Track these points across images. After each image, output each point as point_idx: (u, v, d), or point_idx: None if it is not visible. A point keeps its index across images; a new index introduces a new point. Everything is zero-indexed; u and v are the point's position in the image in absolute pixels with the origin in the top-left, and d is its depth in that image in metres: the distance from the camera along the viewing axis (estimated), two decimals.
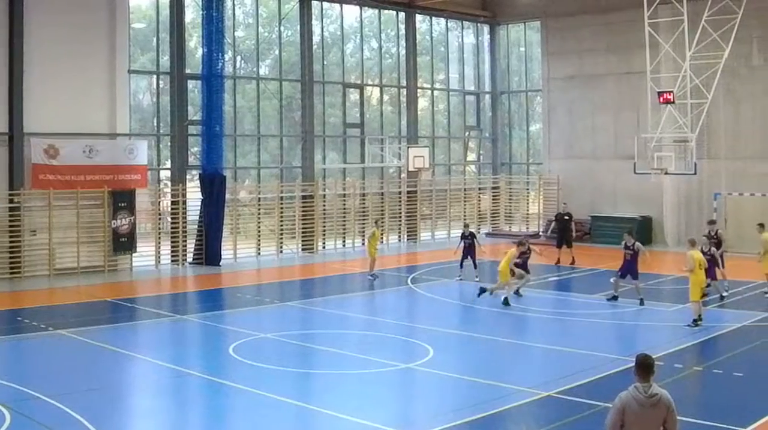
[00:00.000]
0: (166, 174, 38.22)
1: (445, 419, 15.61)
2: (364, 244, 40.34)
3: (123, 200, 34.49)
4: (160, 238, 36.69)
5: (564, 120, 46.84)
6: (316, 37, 42.63)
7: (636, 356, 10.12)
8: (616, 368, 18.85)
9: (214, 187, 36.59)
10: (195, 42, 38.83)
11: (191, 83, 37.70)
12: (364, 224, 43.24)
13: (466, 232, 32.97)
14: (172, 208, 37.24)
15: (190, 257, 37.06)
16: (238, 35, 40.86)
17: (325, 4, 43.20)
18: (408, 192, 45.51)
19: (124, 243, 34.69)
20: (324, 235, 41.99)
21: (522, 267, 28.41)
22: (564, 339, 22.80)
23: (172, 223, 37.28)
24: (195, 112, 37.57)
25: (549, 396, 17.07)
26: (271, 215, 40.57)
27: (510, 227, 49.84)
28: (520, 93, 50.96)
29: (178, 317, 26.42)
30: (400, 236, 45.61)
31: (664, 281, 31.16)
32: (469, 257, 32.56)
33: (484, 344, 22.65)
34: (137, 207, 35.09)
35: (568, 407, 16.34)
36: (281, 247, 40.22)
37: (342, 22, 44.03)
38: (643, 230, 42.34)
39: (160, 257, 36.46)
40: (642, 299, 26.87)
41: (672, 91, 35.20)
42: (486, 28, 50.95)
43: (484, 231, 47.70)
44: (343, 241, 43.00)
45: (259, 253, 39.72)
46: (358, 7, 44.36)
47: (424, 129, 47.98)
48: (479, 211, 49.23)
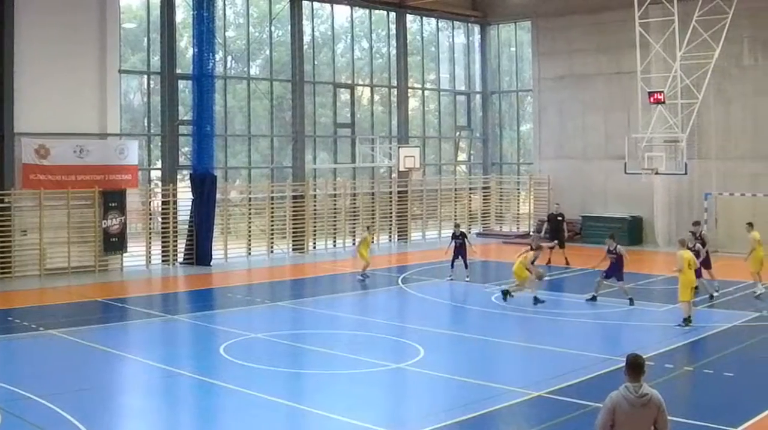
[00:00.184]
0: (156, 174, 38.22)
1: (436, 419, 15.63)
2: (354, 244, 40.43)
3: (114, 200, 34.46)
4: (150, 238, 36.65)
5: (554, 120, 46.88)
6: (307, 37, 42.62)
7: (626, 356, 10.16)
8: (607, 368, 18.89)
9: (204, 187, 36.56)
10: (186, 42, 38.80)
11: (182, 83, 37.66)
12: (355, 224, 43.28)
13: (457, 232, 32.98)
14: (163, 208, 37.20)
15: (180, 257, 37.03)
16: (229, 35, 40.82)
17: (316, 4, 43.18)
18: (399, 192, 45.52)
19: (114, 243, 34.67)
20: (315, 235, 41.98)
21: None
22: (555, 339, 22.81)
23: (162, 223, 37.25)
24: (186, 112, 37.55)
25: (540, 396, 17.10)
26: (261, 215, 40.56)
27: (501, 227, 49.86)
28: (511, 93, 50.98)
29: (169, 317, 26.40)
30: (390, 236, 45.60)
31: (655, 281, 31.21)
32: (459, 257, 32.57)
33: (475, 344, 22.68)
34: (128, 207, 35.05)
35: (559, 407, 16.37)
36: (272, 247, 40.21)
37: (333, 22, 44.00)
38: (634, 230, 42.51)
39: (150, 256, 36.41)
40: (631, 299, 26.88)
41: (663, 91, 35.25)
42: (477, 28, 50.98)
43: (474, 231, 47.72)
44: (334, 241, 42.97)
45: (249, 253, 39.70)
46: (348, 7, 44.35)
47: (415, 129, 47.99)
48: (470, 211, 49.23)
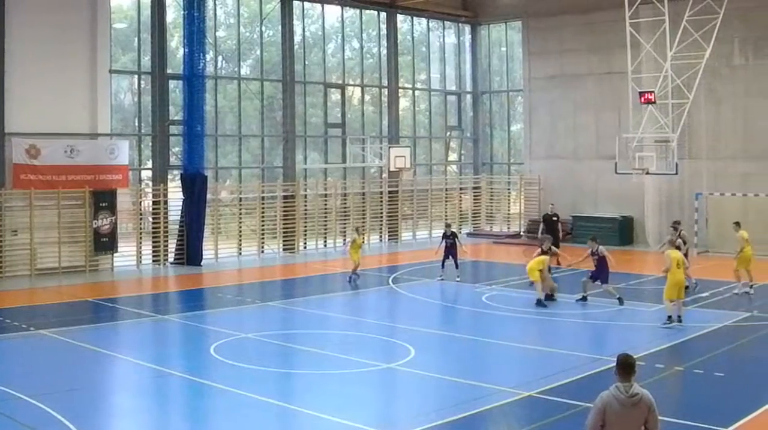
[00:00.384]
0: (147, 174, 38.17)
1: (427, 419, 15.63)
2: (344, 244, 40.45)
3: (104, 200, 34.43)
4: (141, 238, 36.63)
5: (545, 120, 46.91)
6: (298, 37, 42.60)
7: (617, 355, 10.15)
8: (597, 368, 18.91)
9: (195, 187, 36.53)
10: (176, 42, 38.74)
11: (172, 83, 37.62)
12: (345, 224, 43.27)
13: (447, 231, 32.98)
14: (154, 208, 37.15)
15: (171, 257, 36.99)
16: (220, 35, 40.77)
17: (307, 4, 43.17)
18: (389, 192, 45.52)
19: (105, 243, 34.64)
20: (305, 235, 41.97)
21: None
22: (545, 339, 22.86)
23: (153, 223, 37.19)
24: (176, 112, 37.52)
25: (530, 396, 17.11)
26: (252, 215, 40.54)
27: (491, 227, 49.90)
28: (502, 93, 50.99)
29: (159, 317, 26.37)
30: (381, 236, 45.60)
31: (645, 281, 31.25)
32: (450, 256, 32.58)
33: (466, 344, 22.69)
34: (118, 207, 34.99)
35: (549, 407, 16.37)
36: (262, 247, 40.19)
37: (323, 22, 43.98)
38: (625, 230, 42.57)
39: (141, 257, 36.37)
40: (620, 299, 26.85)
41: (653, 91, 35.31)
42: (467, 28, 51.00)
43: (465, 231, 47.73)
44: (324, 241, 42.95)
45: (240, 253, 39.69)
46: (339, 7, 44.32)
47: (406, 129, 48.00)
48: (460, 211, 49.26)
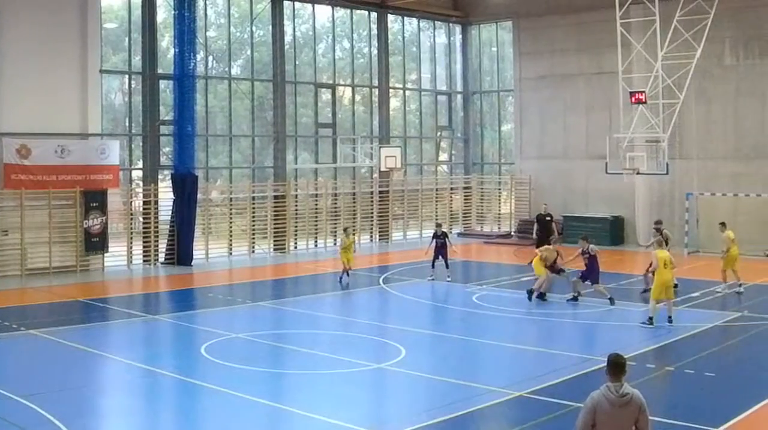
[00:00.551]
0: (138, 174, 38.13)
1: (418, 419, 15.63)
2: (335, 244, 40.44)
3: (95, 200, 34.38)
4: (131, 238, 36.58)
5: (536, 120, 46.95)
6: (288, 37, 42.57)
7: (608, 355, 10.16)
8: (588, 368, 18.93)
9: (185, 187, 36.49)
10: (167, 42, 38.67)
11: (163, 83, 37.57)
12: (336, 224, 43.25)
13: (438, 231, 32.96)
14: (144, 208, 37.10)
15: (161, 257, 36.96)
16: (210, 35, 40.72)
17: (297, 4, 43.12)
18: (380, 192, 45.52)
19: (96, 243, 34.59)
20: (296, 235, 41.97)
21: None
22: (536, 339, 22.91)
23: (143, 223, 37.16)
24: (167, 112, 37.47)
25: (521, 396, 17.12)
26: (242, 215, 40.51)
27: (482, 227, 49.91)
28: (492, 93, 50.99)
29: (150, 317, 26.33)
30: (372, 236, 45.59)
31: (636, 281, 31.20)
32: (440, 256, 32.57)
33: (456, 344, 22.70)
34: (109, 207, 34.93)
35: (540, 407, 16.38)
36: (253, 247, 40.16)
37: (314, 22, 43.95)
38: (615, 230, 42.61)
39: (131, 256, 36.33)
40: (612, 299, 26.89)
41: (644, 91, 35.32)
42: (458, 28, 51.01)
43: (456, 231, 47.74)
44: (315, 241, 42.93)
45: (230, 253, 39.66)
46: (330, 7, 44.28)
47: (396, 129, 48.01)
48: (451, 211, 49.26)
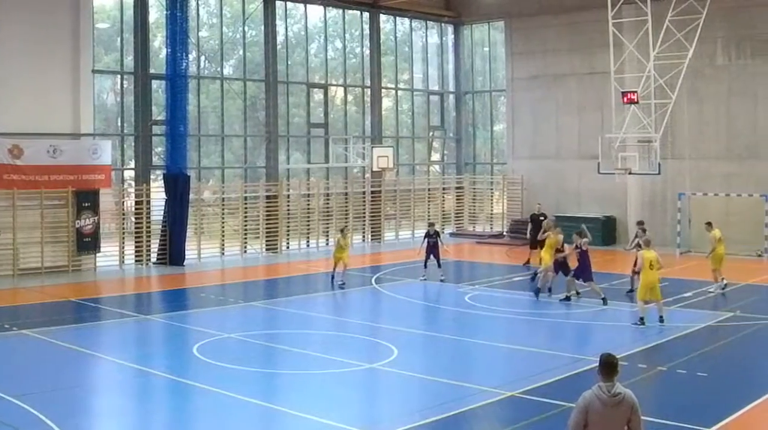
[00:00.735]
0: (130, 174, 38.12)
1: (410, 420, 15.64)
2: (327, 244, 40.45)
3: (87, 200, 34.34)
4: (124, 238, 36.51)
5: (528, 120, 46.95)
6: (280, 37, 42.56)
7: (600, 355, 10.18)
8: (580, 368, 18.95)
9: (178, 187, 36.45)
10: (159, 42, 38.60)
11: (155, 83, 37.52)
12: (328, 224, 43.26)
13: (431, 230, 32.97)
14: (136, 208, 37.08)
15: (154, 257, 36.91)
16: (202, 35, 40.66)
17: (289, 4, 43.08)
18: (372, 192, 45.52)
19: (88, 243, 34.55)
20: (288, 235, 41.96)
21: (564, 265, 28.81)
22: (528, 339, 22.89)
23: (136, 223, 37.11)
24: (159, 112, 37.43)
25: (513, 396, 17.13)
26: (235, 214, 40.47)
27: (474, 227, 49.91)
28: (484, 93, 50.97)
29: (142, 317, 26.31)
30: (364, 236, 45.56)
31: (628, 281, 31.20)
32: (432, 256, 32.56)
33: (448, 344, 22.73)
34: (101, 207, 34.88)
35: (532, 407, 16.40)
36: (245, 247, 40.10)
37: (306, 22, 43.93)
38: (608, 230, 42.64)
39: (124, 257, 36.28)
40: (605, 299, 26.95)
41: (636, 91, 35.40)
42: (450, 28, 51.02)
43: (448, 231, 47.75)
44: (307, 241, 42.92)
45: (223, 253, 39.63)
46: (322, 7, 44.25)
47: (388, 129, 48.00)
48: (443, 211, 49.24)
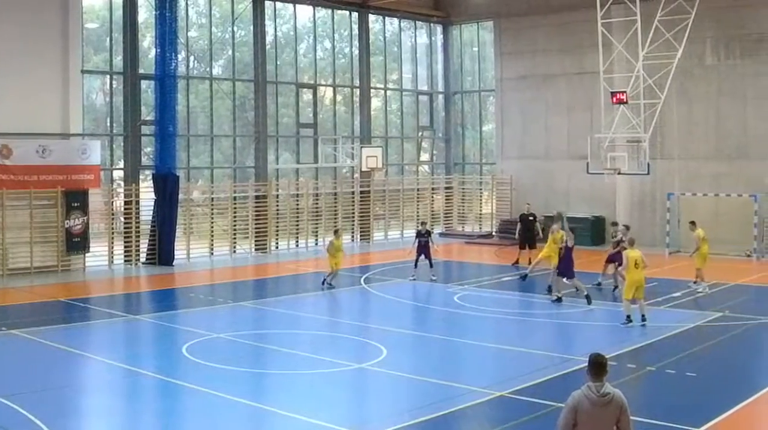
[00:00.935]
0: (119, 174, 38.04)
1: (399, 420, 15.66)
2: (317, 244, 40.43)
3: (76, 200, 34.28)
4: (113, 238, 36.48)
5: (517, 120, 46.99)
6: (270, 37, 42.55)
7: (589, 355, 10.20)
8: (569, 368, 18.99)
9: (167, 187, 36.42)
10: (148, 42, 38.55)
11: (144, 83, 37.48)
12: (317, 224, 43.27)
13: (422, 230, 33.02)
14: (125, 209, 37.00)
15: (143, 257, 36.87)
16: (191, 35, 40.61)
17: (278, 5, 43.07)
18: (361, 192, 45.51)
19: (77, 243, 34.50)
20: (277, 235, 41.94)
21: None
22: (517, 339, 22.92)
23: (125, 223, 37.05)
24: (148, 112, 37.38)
25: (502, 396, 17.15)
26: (224, 214, 40.44)
27: (463, 227, 49.93)
28: (473, 93, 51.00)
29: (132, 317, 26.28)
30: (353, 236, 45.52)
31: (612, 281, 31.26)
32: (423, 255, 32.56)
33: (438, 344, 22.75)
34: (90, 207, 34.82)
35: (521, 407, 16.43)
36: (234, 247, 40.08)
37: (295, 22, 43.90)
38: (597, 230, 42.67)
39: (113, 257, 36.22)
40: (588, 297, 26.81)
41: (625, 92, 35.41)
42: (439, 28, 51.04)
43: (437, 231, 47.73)
44: (296, 241, 42.91)
45: (212, 253, 39.59)
46: (311, 7, 44.23)
47: (378, 129, 48.02)
48: (432, 211, 49.22)
